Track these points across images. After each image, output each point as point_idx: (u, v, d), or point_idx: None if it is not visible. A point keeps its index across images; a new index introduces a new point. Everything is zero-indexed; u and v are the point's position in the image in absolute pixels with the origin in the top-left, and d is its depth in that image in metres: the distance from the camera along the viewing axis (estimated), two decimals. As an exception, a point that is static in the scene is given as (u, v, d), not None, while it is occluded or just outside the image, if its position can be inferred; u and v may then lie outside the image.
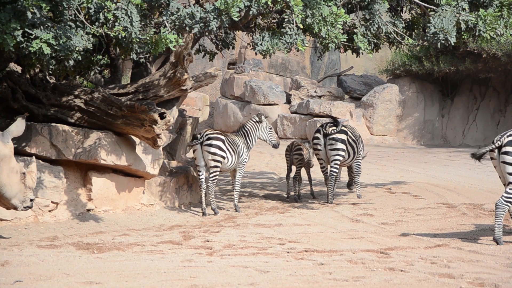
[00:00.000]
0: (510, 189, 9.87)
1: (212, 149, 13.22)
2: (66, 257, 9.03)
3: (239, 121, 31.50)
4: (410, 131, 31.44)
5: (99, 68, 13.42)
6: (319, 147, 14.62)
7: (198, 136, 13.34)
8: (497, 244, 9.87)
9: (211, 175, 13.34)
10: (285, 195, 15.27)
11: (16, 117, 10.25)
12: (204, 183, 13.32)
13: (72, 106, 12.27)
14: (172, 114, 12.79)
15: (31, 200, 10.33)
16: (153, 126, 11.74)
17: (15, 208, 10.29)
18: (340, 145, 14.38)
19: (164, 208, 13.05)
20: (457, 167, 21.05)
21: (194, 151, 13.36)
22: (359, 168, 15.12)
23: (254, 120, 14.27)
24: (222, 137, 13.41)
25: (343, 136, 14.47)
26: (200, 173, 13.31)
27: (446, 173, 19.41)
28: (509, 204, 9.91)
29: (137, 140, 12.57)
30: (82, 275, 7.97)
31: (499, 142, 9.96)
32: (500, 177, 10.29)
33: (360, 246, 9.89)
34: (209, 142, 13.23)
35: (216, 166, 13.28)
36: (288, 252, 9.41)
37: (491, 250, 9.54)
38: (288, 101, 31.52)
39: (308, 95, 31.22)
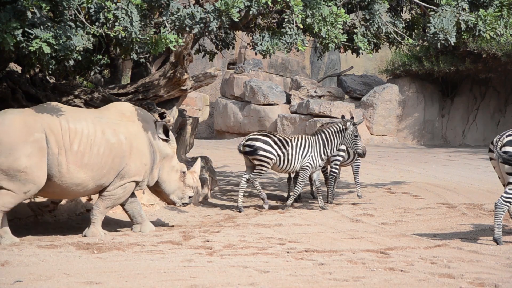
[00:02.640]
0: (509, 189, 9.87)
1: (253, 149, 13.47)
2: (66, 257, 9.03)
3: (239, 121, 31.52)
4: (410, 131, 31.45)
5: (99, 68, 13.43)
6: None
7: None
8: (497, 244, 9.87)
9: (252, 174, 13.61)
10: (285, 195, 15.27)
11: (155, 120, 11.41)
12: (244, 183, 13.60)
13: (72, 106, 12.27)
14: (172, 114, 12.81)
15: (190, 197, 11.75)
16: (153, 126, 11.73)
17: (174, 203, 11.75)
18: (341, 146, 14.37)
19: (164, 208, 13.05)
20: (457, 167, 21.06)
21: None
22: (359, 168, 15.11)
23: (338, 127, 13.72)
24: (265, 138, 13.51)
25: None
26: (244, 174, 13.72)
27: (446, 173, 19.41)
28: (508, 204, 9.92)
29: (137, 140, 12.55)
30: (82, 275, 7.97)
31: (500, 142, 9.96)
32: (499, 177, 10.29)
33: (360, 246, 9.89)
34: (248, 143, 13.52)
35: (260, 165, 13.49)
36: (288, 252, 9.40)
37: (491, 250, 9.54)
38: (288, 101, 31.52)
39: (308, 95, 31.23)
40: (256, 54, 11.24)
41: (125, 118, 11.02)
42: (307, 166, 13.58)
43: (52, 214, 11.65)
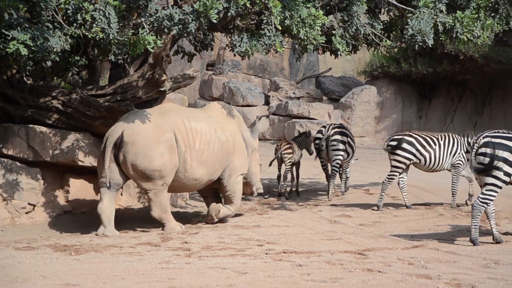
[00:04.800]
0: (486, 190, 9.93)
1: (396, 150, 13.72)
2: (43, 259, 8.98)
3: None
4: (388, 132, 31.54)
5: (76, 69, 13.35)
6: (321, 147, 15.30)
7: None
8: (474, 244, 9.93)
9: (387, 177, 13.89)
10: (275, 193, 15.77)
11: (259, 116, 12.85)
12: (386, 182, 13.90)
13: (50, 107, 12.21)
14: (151, 115, 12.73)
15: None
16: (131, 127, 11.69)
17: (252, 193, 13.12)
18: (341, 146, 15.16)
19: (142, 210, 13.01)
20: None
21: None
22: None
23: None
24: (409, 138, 13.72)
25: (344, 138, 15.26)
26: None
27: (423, 174, 19.44)
28: (485, 205, 9.98)
29: (115, 141, 12.52)
30: (59, 277, 7.93)
31: (477, 144, 10.02)
32: (476, 179, 10.36)
33: (338, 247, 9.91)
34: (391, 143, 13.76)
35: (395, 166, 13.76)
36: (266, 254, 9.40)
37: (468, 251, 9.60)
38: (267, 103, 31.54)
39: (286, 96, 31.27)
40: (234, 55, 11.25)
41: (225, 116, 12.27)
42: (458, 163, 13.81)
43: (29, 216, 11.58)
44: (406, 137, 13.72)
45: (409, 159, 13.67)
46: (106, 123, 11.93)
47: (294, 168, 16.02)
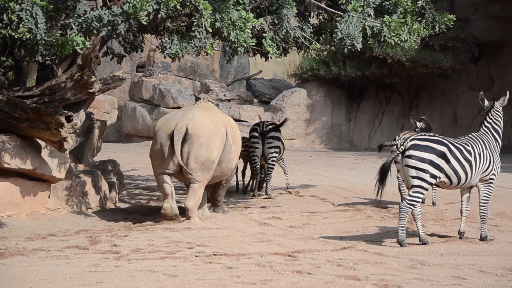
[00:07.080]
0: (413, 192, 10.10)
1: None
2: (-32, 263, 8.79)
3: (148, 125, 31.22)
4: (318, 135, 31.86)
5: (2, 70, 13.10)
6: (256, 145, 15.70)
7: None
8: (401, 246, 10.08)
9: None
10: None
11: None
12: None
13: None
14: (79, 117, 12.59)
15: None
16: (59, 129, 11.53)
17: None
18: (277, 143, 15.73)
19: (70, 213, 12.84)
20: (363, 171, 21.42)
21: None
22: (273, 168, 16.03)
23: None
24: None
25: (279, 134, 15.85)
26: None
27: (352, 176, 19.73)
28: (412, 207, 10.15)
29: (42, 143, 12.33)
30: (-16, 282, 7.78)
31: (403, 147, 10.19)
32: (403, 181, 10.52)
33: (268, 249, 9.95)
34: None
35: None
36: (196, 256, 9.39)
37: (395, 252, 9.74)
38: (198, 105, 31.47)
39: (217, 98, 31.28)
40: (165, 57, 11.20)
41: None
42: None
43: (-47, 220, 11.33)
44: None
45: None
46: (33, 125, 11.72)
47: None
